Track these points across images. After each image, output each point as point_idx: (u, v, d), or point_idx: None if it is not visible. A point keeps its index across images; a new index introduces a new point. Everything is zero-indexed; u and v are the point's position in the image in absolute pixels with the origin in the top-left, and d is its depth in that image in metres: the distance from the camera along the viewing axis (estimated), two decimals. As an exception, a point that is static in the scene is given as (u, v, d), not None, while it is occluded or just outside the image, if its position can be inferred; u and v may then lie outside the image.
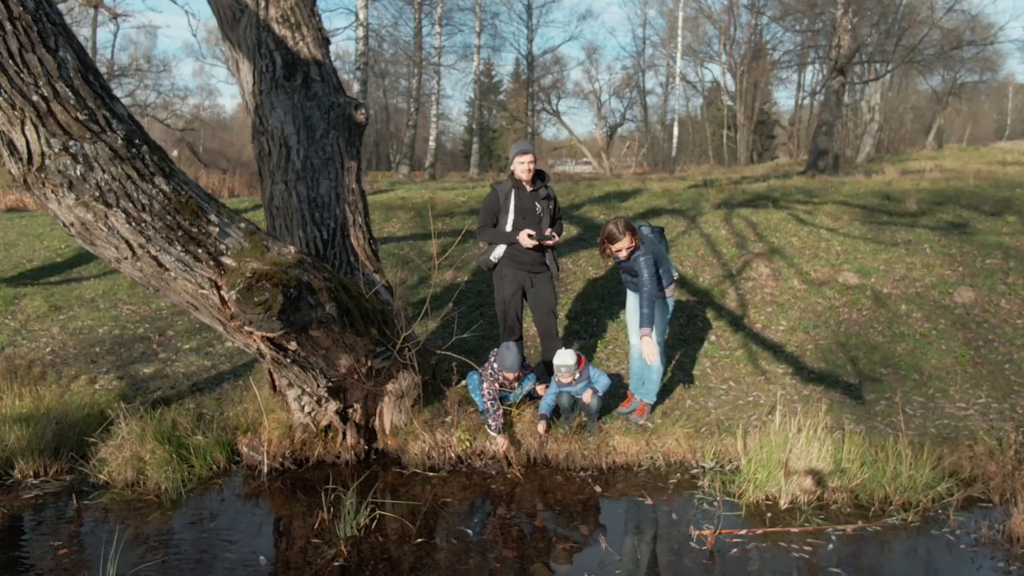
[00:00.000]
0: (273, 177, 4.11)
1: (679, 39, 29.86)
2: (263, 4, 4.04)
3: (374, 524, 3.53)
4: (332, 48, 4.35)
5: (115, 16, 14.99)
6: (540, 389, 4.39)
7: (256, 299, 2.92)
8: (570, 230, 8.02)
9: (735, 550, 3.31)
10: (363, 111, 4.25)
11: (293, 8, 4.09)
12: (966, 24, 21.11)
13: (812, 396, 4.79)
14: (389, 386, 4.09)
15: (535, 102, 34.13)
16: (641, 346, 4.13)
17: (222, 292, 2.98)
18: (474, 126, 32.52)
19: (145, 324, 6.39)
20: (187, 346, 5.91)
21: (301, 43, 4.11)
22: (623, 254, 4.19)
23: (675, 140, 29.33)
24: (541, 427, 4.25)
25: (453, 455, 4.20)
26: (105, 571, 2.96)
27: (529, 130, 34.01)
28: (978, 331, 5.54)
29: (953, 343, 5.40)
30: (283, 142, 4.06)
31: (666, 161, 34.33)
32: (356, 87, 17.65)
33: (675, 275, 4.50)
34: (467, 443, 4.20)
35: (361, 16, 17.51)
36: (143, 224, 2.81)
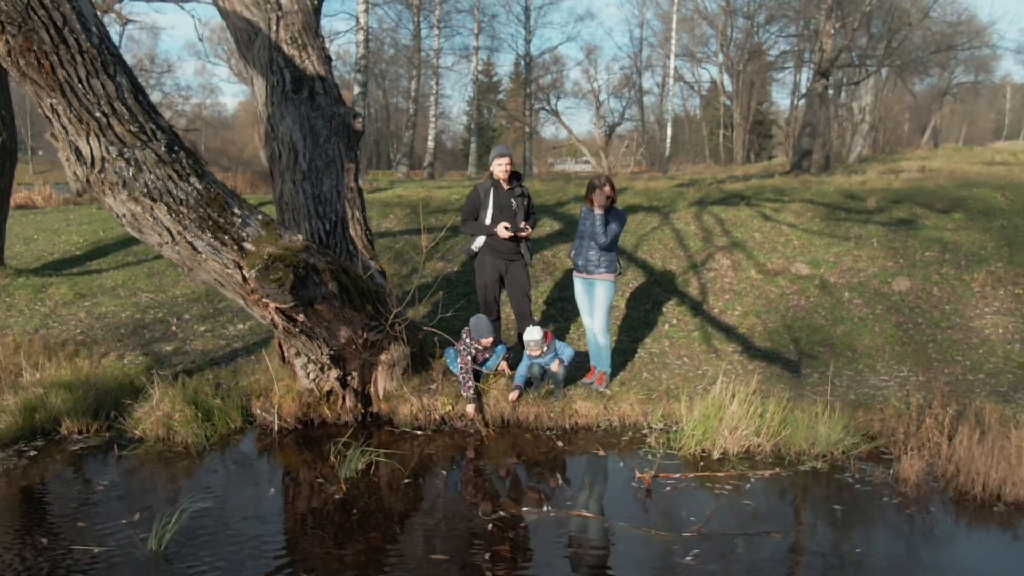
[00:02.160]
0: (283, 177, 4.78)
1: (673, 41, 30.45)
2: (274, 28, 4.70)
3: (369, 470, 4.20)
4: (334, 48, 5.05)
5: (125, 22, 15.65)
6: (505, 367, 5.05)
7: (272, 277, 3.59)
8: (553, 225, 8.68)
9: (668, 488, 3.98)
10: (360, 120, 4.91)
11: (300, 31, 4.74)
12: (946, 29, 21.73)
13: (755, 370, 5.45)
14: (382, 356, 4.76)
15: (533, 102, 34.75)
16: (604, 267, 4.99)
17: (244, 271, 3.64)
18: (472, 126, 33.19)
19: (163, 309, 7.05)
20: (202, 328, 6.57)
21: (307, 61, 4.77)
22: (606, 202, 4.86)
23: (668, 140, 29.91)
24: (513, 396, 4.90)
25: (437, 417, 4.87)
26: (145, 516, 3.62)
27: (527, 130, 34.60)
28: (910, 315, 6.20)
29: (886, 325, 6.06)
30: (291, 147, 4.72)
31: (662, 160, 34.97)
32: (356, 89, 18.31)
33: (620, 268, 5.21)
34: (450, 407, 4.87)
35: (362, 21, 18.17)
36: (181, 215, 3.48)
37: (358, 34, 18.25)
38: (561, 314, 6.54)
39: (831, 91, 32.74)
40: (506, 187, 5.26)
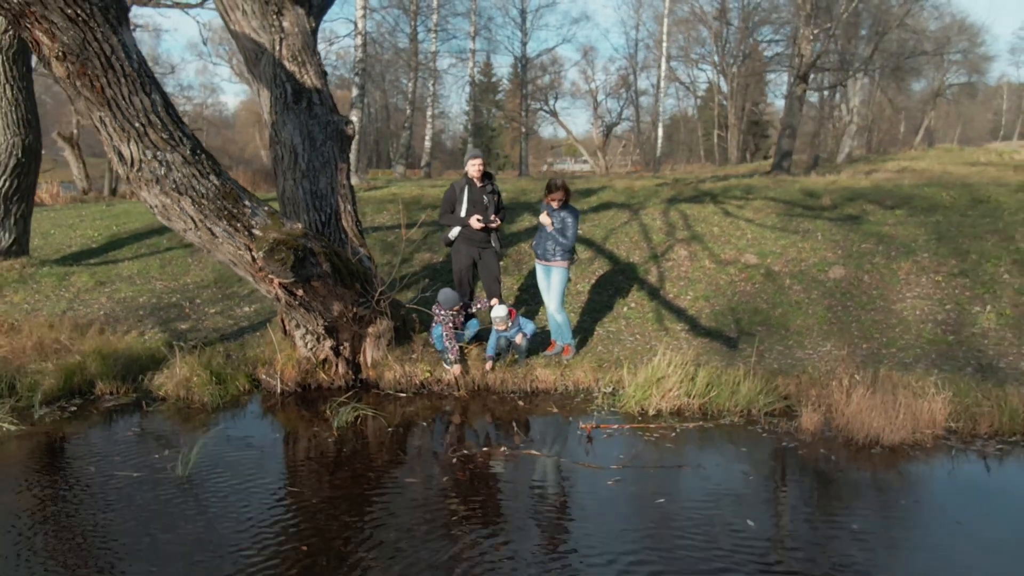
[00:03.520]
0: (285, 176, 5.56)
1: (665, 44, 31.21)
2: (278, 47, 5.48)
3: (357, 421, 4.99)
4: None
5: (133, 28, 16.43)
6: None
7: (276, 257, 4.38)
8: (532, 220, 9.45)
9: (605, 436, 4.77)
10: (351, 127, 5.70)
11: (300, 50, 5.53)
12: (935, 34, 22.49)
13: (698, 345, 6.24)
14: (370, 329, 5.54)
15: (530, 102, 35.52)
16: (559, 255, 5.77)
17: (253, 253, 4.43)
18: (469, 126, 33.97)
19: (177, 295, 7.85)
20: (213, 310, 7.36)
21: (306, 76, 5.55)
22: (556, 204, 5.70)
23: (659, 141, 30.68)
24: (488, 365, 5.70)
25: (417, 382, 5.66)
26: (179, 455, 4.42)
27: (523, 130, 35.35)
28: (840, 299, 6.98)
29: (818, 308, 6.84)
30: (292, 149, 5.51)
31: (654, 160, 35.73)
32: (355, 91, 19.09)
33: (575, 256, 6.00)
34: (428, 373, 5.66)
35: (360, 26, 18.95)
36: (202, 207, 4.27)
37: (356, 38, 19.03)
38: (533, 298, 7.32)
39: (826, 93, 33.54)
40: (479, 184, 6.04)
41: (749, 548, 3.33)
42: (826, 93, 33.39)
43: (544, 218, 5.80)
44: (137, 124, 4.01)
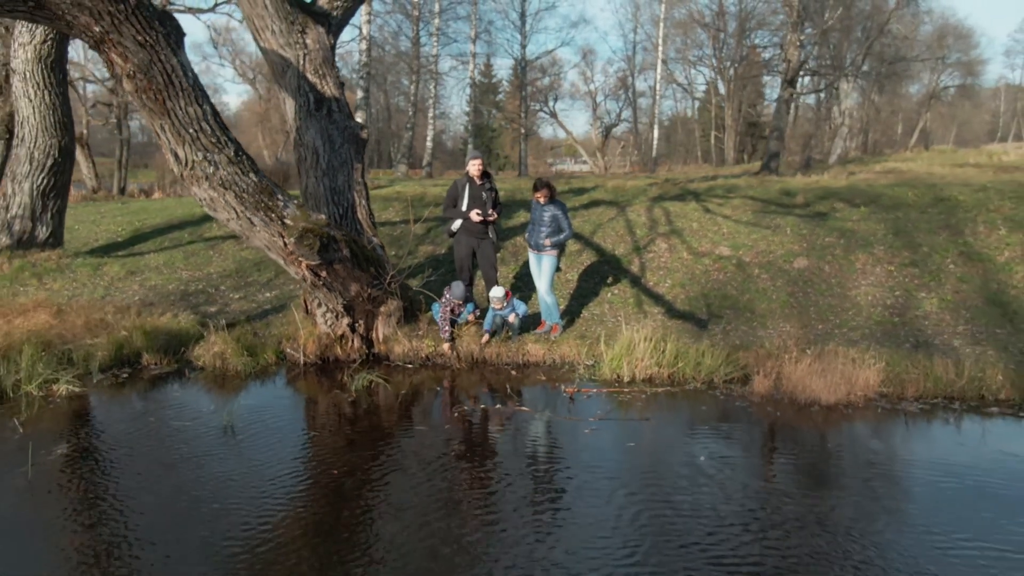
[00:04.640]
0: (308, 174, 6.35)
1: (661, 48, 31.98)
2: (302, 62, 6.27)
3: (372, 386, 5.77)
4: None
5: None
6: (471, 318, 6.62)
7: (305, 243, 5.17)
8: (526, 216, 10.23)
9: (585, 397, 5.56)
10: (366, 131, 6.49)
11: (320, 64, 6.31)
12: (907, 42, 23.26)
13: (673, 326, 7.02)
14: (382, 308, 6.33)
15: (530, 103, 36.31)
16: (548, 245, 6.51)
17: (285, 239, 5.22)
18: (470, 127, 34.77)
19: (202, 283, 8.63)
20: (237, 296, 8.15)
21: (326, 86, 6.34)
22: (543, 199, 6.48)
23: (655, 142, 31.45)
24: (484, 339, 6.49)
25: (423, 355, 6.45)
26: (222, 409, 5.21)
27: (523, 131, 36.13)
28: (802, 287, 7.76)
29: (781, 294, 7.63)
30: (314, 151, 6.29)
31: (650, 161, 36.50)
32: (359, 94, 19.88)
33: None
34: (432, 348, 6.45)
35: (364, 31, 19.74)
36: (243, 200, 5.05)
37: (361, 43, 19.82)
38: (526, 286, 8.09)
39: (822, 96, 34.31)
40: (478, 182, 6.83)
41: (699, 471, 4.12)
42: (822, 96, 34.21)
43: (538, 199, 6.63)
44: (191, 130, 4.79)
